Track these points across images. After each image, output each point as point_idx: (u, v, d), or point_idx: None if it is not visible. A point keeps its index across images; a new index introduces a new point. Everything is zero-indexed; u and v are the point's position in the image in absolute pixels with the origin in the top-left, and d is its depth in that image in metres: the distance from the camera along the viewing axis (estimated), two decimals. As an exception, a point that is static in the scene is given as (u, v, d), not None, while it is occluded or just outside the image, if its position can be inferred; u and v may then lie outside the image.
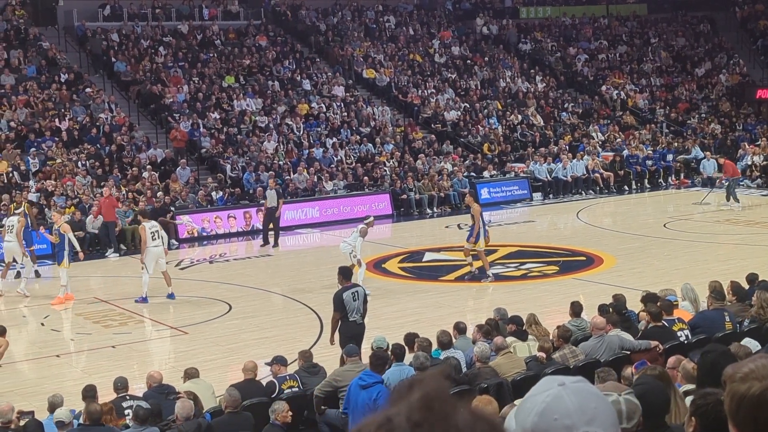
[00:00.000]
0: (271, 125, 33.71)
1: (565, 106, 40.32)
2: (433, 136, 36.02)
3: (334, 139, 33.86)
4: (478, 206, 20.22)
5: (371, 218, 20.00)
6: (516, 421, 2.35)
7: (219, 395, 10.57)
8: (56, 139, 29.95)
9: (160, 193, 27.56)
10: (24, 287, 19.90)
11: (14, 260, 20.55)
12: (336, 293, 13.17)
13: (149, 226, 19.24)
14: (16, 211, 21.22)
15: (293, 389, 10.44)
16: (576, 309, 12.86)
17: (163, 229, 20.20)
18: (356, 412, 9.25)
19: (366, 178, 31.15)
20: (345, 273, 13.48)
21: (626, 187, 34.22)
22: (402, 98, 38.45)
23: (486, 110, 38.21)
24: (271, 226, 25.46)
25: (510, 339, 11.56)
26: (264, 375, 11.90)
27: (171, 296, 19.07)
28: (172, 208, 26.94)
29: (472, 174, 33.02)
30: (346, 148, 33.69)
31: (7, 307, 19.11)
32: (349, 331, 12.82)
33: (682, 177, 35.30)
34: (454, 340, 11.72)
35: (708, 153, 34.69)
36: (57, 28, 37.43)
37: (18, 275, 21.17)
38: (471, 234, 19.90)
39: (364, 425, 1.98)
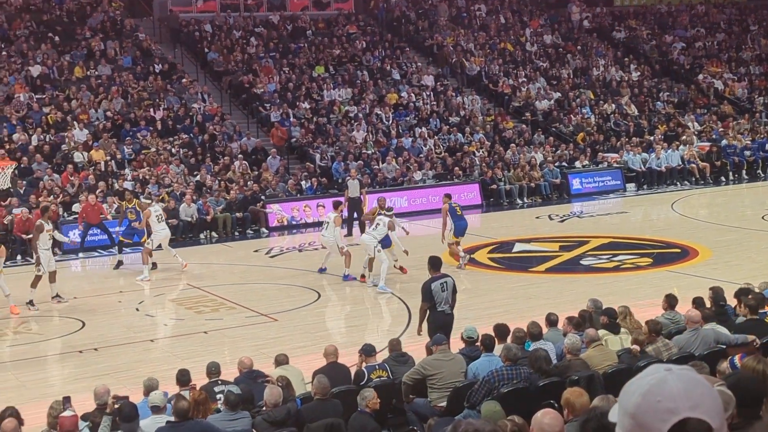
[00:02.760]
0: (360, 115, 33.78)
1: (660, 95, 39.53)
2: (523, 125, 35.66)
3: (423, 129, 33.76)
4: (446, 206, 20.95)
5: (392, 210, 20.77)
6: (619, 403, 2.36)
7: (308, 382, 10.60)
8: (151, 128, 30.49)
9: (250, 182, 27.86)
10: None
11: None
12: (424, 283, 13.09)
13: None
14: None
15: (382, 378, 10.41)
16: (671, 301, 12.56)
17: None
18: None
19: (455, 168, 30.98)
20: (434, 263, 13.38)
21: (723, 178, 33.38)
22: (492, 87, 38.15)
23: (579, 99, 37.69)
24: (354, 216, 25.52)
25: (602, 332, 11.33)
26: (349, 363, 11.89)
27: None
28: (263, 197, 27.20)
29: (564, 164, 32.59)
30: (436, 137, 33.56)
31: (103, 293, 19.49)
32: (438, 321, 12.73)
33: (781, 168, 34.30)
34: (545, 332, 11.55)
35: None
36: (152, 19, 38.09)
37: (118, 265, 21.86)
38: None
39: None
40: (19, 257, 23.43)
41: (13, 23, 34.42)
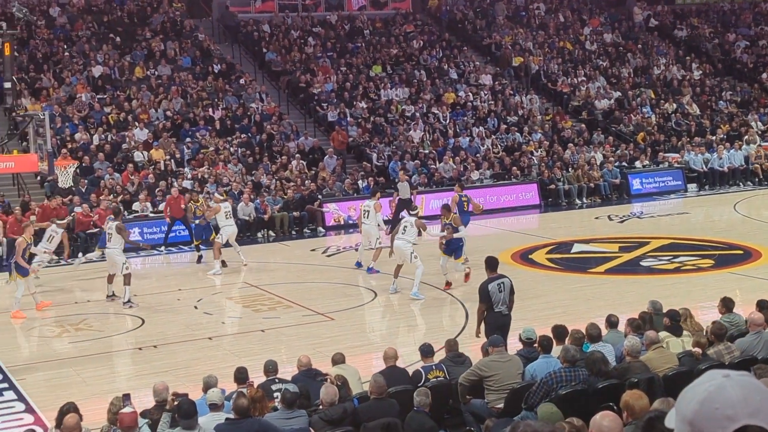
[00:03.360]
0: (417, 114, 33.75)
1: (723, 94, 38.92)
2: (582, 125, 35.37)
3: (481, 128, 33.62)
4: (455, 196, 21.36)
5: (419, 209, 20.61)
6: (677, 409, 2.34)
7: (364, 381, 10.59)
8: (209, 128, 30.77)
9: (307, 182, 27.98)
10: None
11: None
12: (481, 284, 13.01)
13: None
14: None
15: (439, 379, 10.36)
16: (727, 304, 12.31)
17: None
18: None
19: (513, 167, 30.82)
20: (491, 264, 13.29)
21: (788, 179, 32.78)
22: (551, 86, 37.89)
23: (639, 98, 37.27)
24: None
25: (663, 334, 11.15)
26: (407, 364, 11.86)
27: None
28: (320, 196, 27.30)
29: (624, 164, 32.25)
30: (493, 137, 33.41)
31: (163, 291, 19.68)
32: (495, 322, 12.64)
33: None
34: (604, 334, 11.40)
35: None
36: (211, 19, 38.45)
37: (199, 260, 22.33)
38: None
39: None
40: (80, 254, 23.77)
41: (76, 24, 34.97)
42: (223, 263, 21.43)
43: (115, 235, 18.20)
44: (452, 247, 18.61)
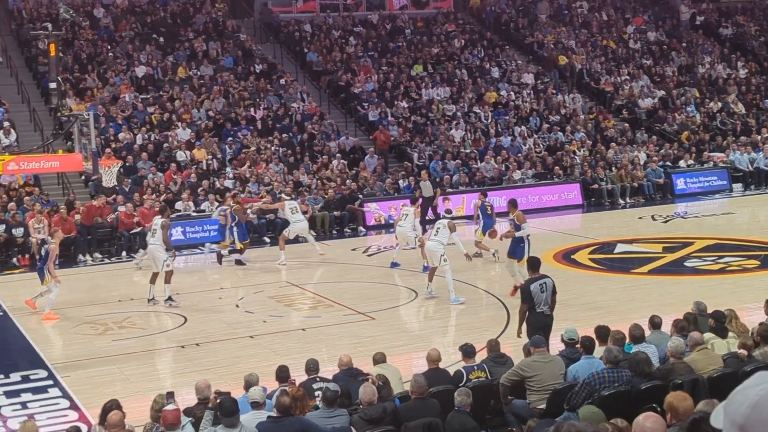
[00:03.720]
0: (458, 113, 33.65)
1: (769, 92, 38.41)
2: (626, 124, 35.07)
3: (523, 128, 33.46)
4: (479, 201, 21.90)
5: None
6: (725, 413, 2.28)
7: (406, 381, 10.57)
8: (251, 127, 30.90)
9: (348, 181, 28.00)
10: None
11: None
12: (524, 284, 12.93)
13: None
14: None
15: (480, 379, 10.32)
16: (772, 306, 12.13)
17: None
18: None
19: (556, 167, 30.63)
20: (533, 264, 13.21)
21: (834, 179, 32.26)
22: (594, 85, 37.60)
23: (683, 97, 36.89)
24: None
25: (708, 335, 11.01)
26: (447, 364, 11.82)
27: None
28: (360, 196, 27.31)
29: (668, 164, 31.94)
30: (535, 136, 33.23)
31: (205, 290, 19.79)
32: (537, 323, 12.55)
33: None
34: (648, 335, 11.28)
35: None
36: (253, 20, 38.62)
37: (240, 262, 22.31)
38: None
39: None
40: (124, 254, 24.00)
41: (120, 25, 35.28)
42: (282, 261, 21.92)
43: (159, 231, 18.30)
44: (512, 248, 18.05)
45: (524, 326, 12.88)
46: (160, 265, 18.16)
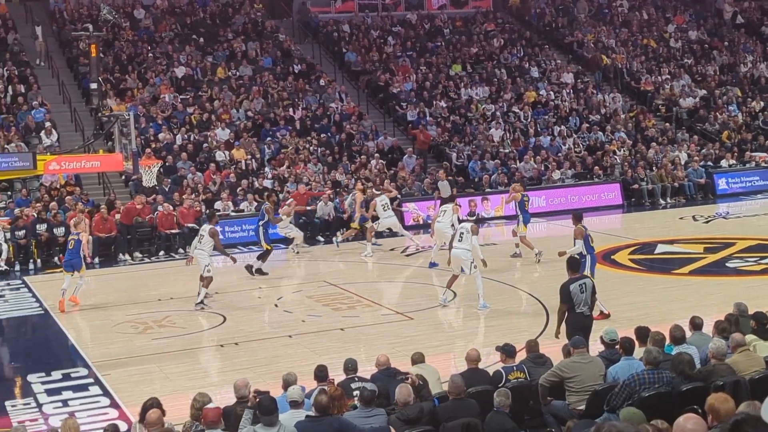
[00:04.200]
0: (497, 113, 33.53)
1: (813, 92, 37.87)
2: (667, 123, 34.76)
3: (563, 127, 33.27)
4: (518, 195, 21.68)
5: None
6: None
7: (444, 381, 10.53)
8: (290, 127, 30.99)
9: (387, 181, 27.97)
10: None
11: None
12: (563, 285, 12.83)
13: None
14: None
15: (519, 380, 10.26)
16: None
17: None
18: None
19: (596, 167, 30.42)
20: (573, 264, 13.12)
21: None
22: (634, 85, 37.30)
23: (725, 97, 36.47)
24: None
25: (750, 337, 10.88)
26: (486, 365, 11.77)
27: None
28: (399, 196, 27.27)
29: (709, 163, 31.60)
30: (575, 136, 33.03)
31: (244, 289, 19.87)
32: (577, 323, 12.46)
33: None
34: (688, 336, 11.16)
35: None
36: (292, 20, 38.73)
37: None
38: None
39: None
40: (162, 253, 24.16)
41: (159, 26, 35.53)
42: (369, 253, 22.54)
43: (206, 238, 18.39)
44: (593, 268, 16.36)
45: (563, 327, 12.81)
46: (202, 269, 18.28)
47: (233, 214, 25.64)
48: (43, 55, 32.83)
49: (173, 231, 24.46)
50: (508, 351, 10.85)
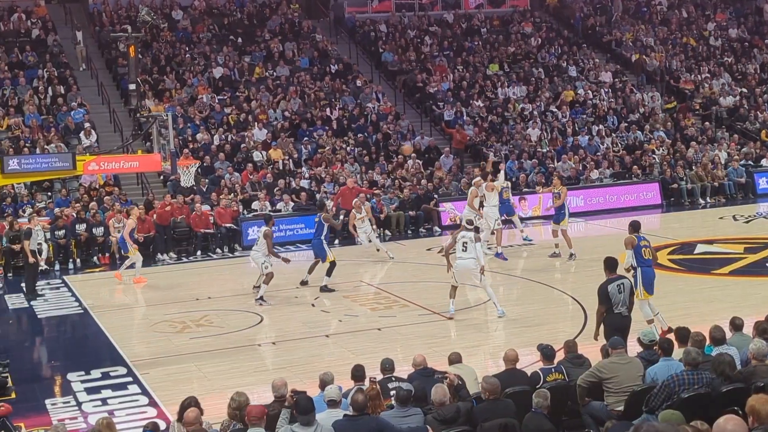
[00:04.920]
0: (535, 112, 33.38)
1: None
2: (706, 122, 34.40)
3: (601, 126, 33.05)
4: (565, 189, 22.07)
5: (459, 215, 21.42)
6: None
7: (481, 381, 10.49)
8: (326, 127, 31.04)
9: (423, 181, 27.96)
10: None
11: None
12: (601, 285, 12.75)
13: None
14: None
15: (557, 381, 10.20)
16: None
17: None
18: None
19: (634, 166, 30.20)
20: (610, 264, 13.01)
21: None
22: (674, 83, 36.97)
23: (766, 95, 36.03)
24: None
25: (792, 338, 10.73)
26: (524, 365, 11.71)
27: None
28: (435, 196, 27.25)
29: (749, 162, 31.25)
30: (613, 135, 32.80)
31: (281, 289, 19.92)
32: (615, 324, 12.38)
33: None
34: (728, 337, 11.03)
35: None
36: (329, 20, 38.80)
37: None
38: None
39: None
40: (199, 253, 24.30)
41: (197, 27, 35.73)
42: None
43: (261, 239, 18.56)
44: (646, 283, 14.97)
45: (601, 328, 12.72)
46: (260, 268, 18.59)
47: (271, 214, 25.69)
48: (84, 60, 33.09)
49: (209, 231, 24.57)
50: (546, 353, 10.78)
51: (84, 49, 33.02)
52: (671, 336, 10.63)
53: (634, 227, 15.23)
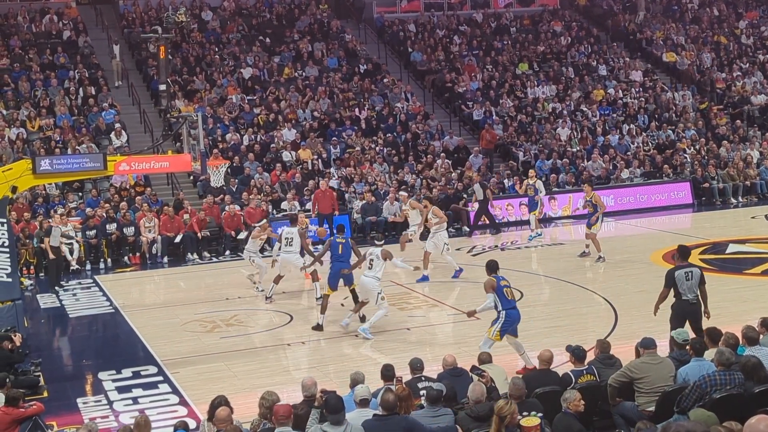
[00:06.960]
0: (564, 112, 33.23)
1: None
2: (738, 121, 34.10)
3: (631, 125, 32.86)
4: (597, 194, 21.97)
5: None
6: None
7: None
8: (355, 127, 31.06)
9: (453, 181, 27.90)
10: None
11: None
12: (669, 270, 13.10)
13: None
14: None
15: (589, 381, 10.14)
16: None
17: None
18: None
19: (665, 165, 29.98)
20: (683, 252, 13.48)
21: None
22: (704, 81, 36.66)
23: (799, 94, 35.72)
24: (484, 217, 26.36)
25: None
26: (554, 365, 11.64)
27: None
28: (465, 196, 27.18)
29: (782, 161, 30.96)
30: (644, 134, 32.59)
31: (309, 288, 19.93)
32: (682, 310, 12.77)
33: None
34: (761, 337, 10.91)
35: None
36: (357, 20, 38.81)
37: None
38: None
39: None
40: (228, 253, 24.37)
41: (227, 27, 35.86)
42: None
43: (295, 239, 18.57)
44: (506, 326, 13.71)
45: (669, 313, 12.84)
46: (299, 270, 18.74)
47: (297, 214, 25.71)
48: (119, 76, 32.81)
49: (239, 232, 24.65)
50: (577, 354, 10.70)
51: (120, 64, 32.91)
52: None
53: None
